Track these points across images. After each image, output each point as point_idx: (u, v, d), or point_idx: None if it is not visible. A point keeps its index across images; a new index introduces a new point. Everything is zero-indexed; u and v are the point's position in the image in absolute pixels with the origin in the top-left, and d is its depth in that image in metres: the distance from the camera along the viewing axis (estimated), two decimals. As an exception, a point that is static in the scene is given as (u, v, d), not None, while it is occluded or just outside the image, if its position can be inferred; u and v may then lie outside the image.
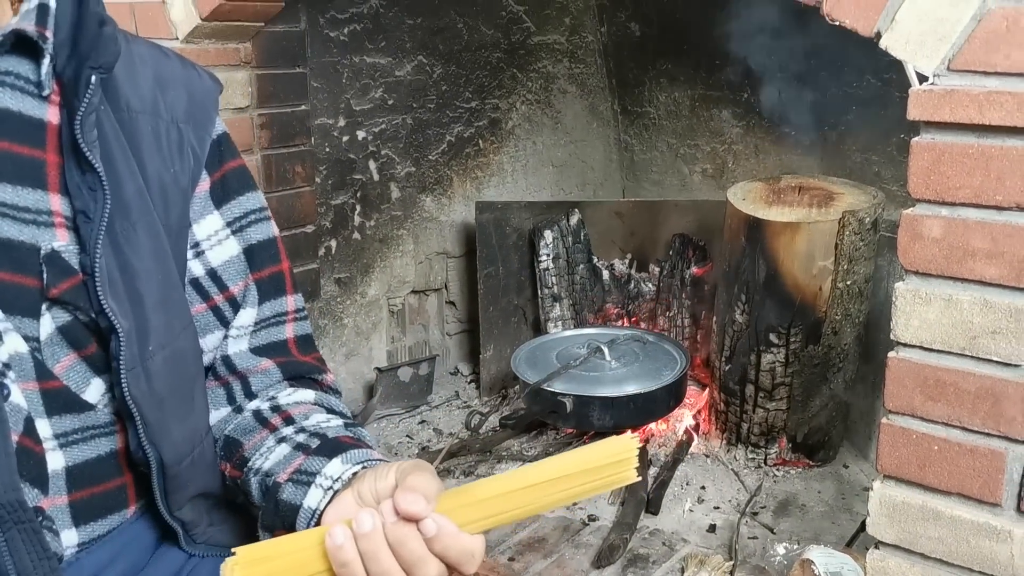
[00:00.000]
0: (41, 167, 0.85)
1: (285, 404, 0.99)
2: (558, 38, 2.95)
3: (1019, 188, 1.15)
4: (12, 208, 0.82)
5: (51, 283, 0.83)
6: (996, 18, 1.14)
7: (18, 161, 0.83)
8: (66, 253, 0.84)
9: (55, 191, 0.85)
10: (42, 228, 0.83)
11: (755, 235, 2.07)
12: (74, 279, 0.84)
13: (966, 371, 1.24)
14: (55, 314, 0.85)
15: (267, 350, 1.02)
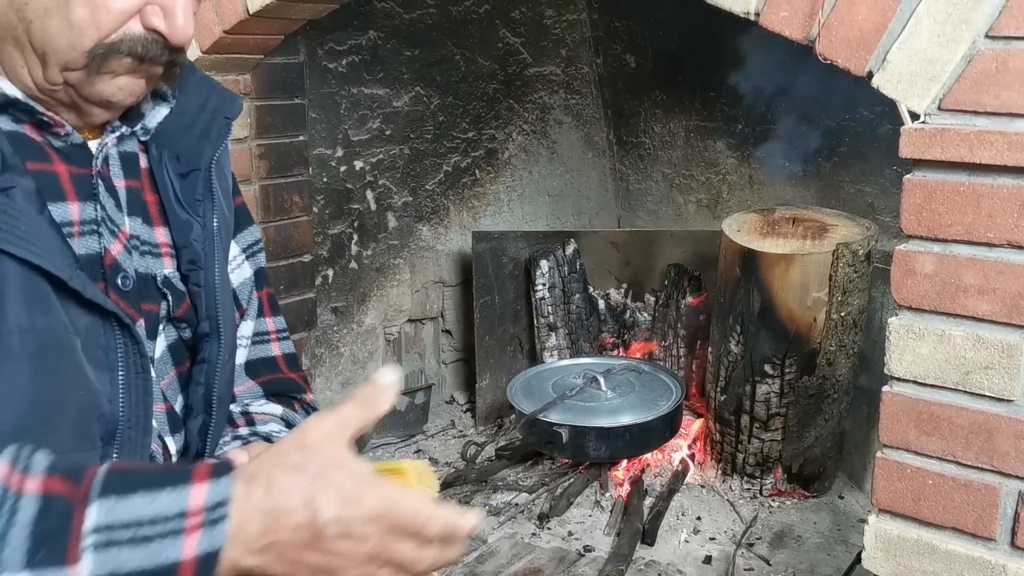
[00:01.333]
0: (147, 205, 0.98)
1: (253, 410, 1.10)
2: (554, 69, 2.98)
3: (1010, 225, 1.17)
4: (140, 241, 0.96)
5: (175, 305, 0.97)
6: (986, 59, 1.16)
7: (139, 199, 0.97)
8: (174, 278, 0.98)
9: (159, 224, 0.99)
10: (155, 258, 0.97)
11: (750, 266, 2.09)
12: (186, 301, 0.98)
13: (959, 406, 1.25)
14: (168, 333, 0.98)
15: (258, 364, 1.12)
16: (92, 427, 0.87)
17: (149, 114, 0.99)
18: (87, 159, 0.92)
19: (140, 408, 0.91)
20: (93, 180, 0.92)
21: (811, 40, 1.30)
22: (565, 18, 2.94)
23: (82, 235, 0.90)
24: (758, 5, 1.34)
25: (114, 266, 0.92)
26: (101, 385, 0.88)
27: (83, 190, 0.91)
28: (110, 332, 0.88)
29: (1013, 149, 1.14)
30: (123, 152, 0.98)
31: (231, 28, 1.99)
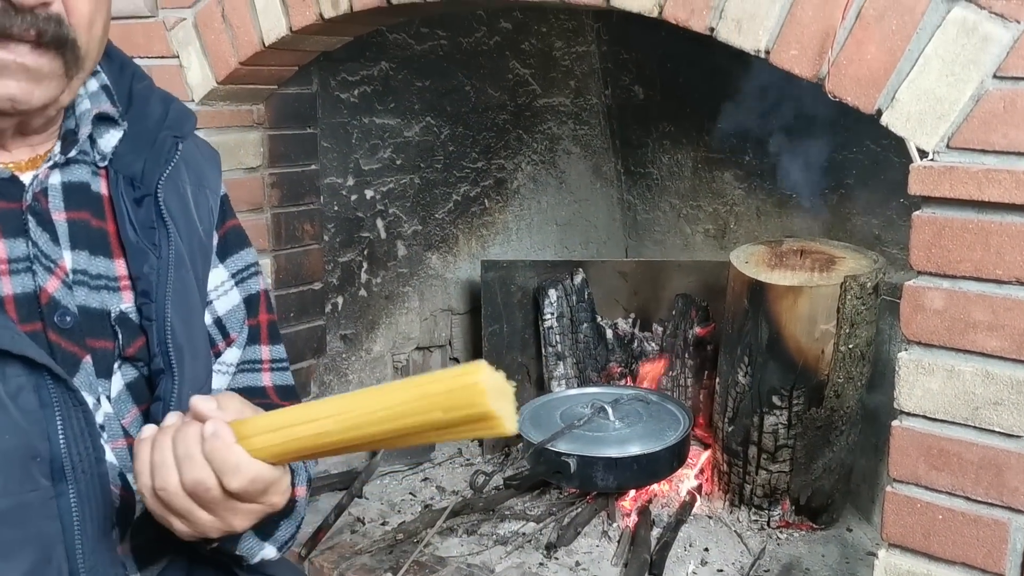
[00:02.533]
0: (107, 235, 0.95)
1: None
2: (563, 100, 3.01)
3: (1018, 263, 1.18)
4: (89, 276, 0.92)
5: (126, 343, 0.93)
6: (994, 99, 1.18)
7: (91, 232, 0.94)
8: (132, 314, 0.94)
9: (119, 256, 0.95)
10: (112, 292, 0.94)
11: (758, 298, 2.10)
12: (141, 338, 0.94)
13: (969, 441, 1.25)
14: (124, 371, 0.94)
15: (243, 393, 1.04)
16: (28, 468, 0.85)
17: (102, 139, 0.96)
18: (17, 193, 0.90)
19: (84, 444, 0.88)
20: (23, 215, 0.89)
21: (821, 78, 1.32)
22: (574, 50, 2.97)
23: (13, 273, 0.87)
24: (768, 43, 1.37)
25: (51, 304, 0.89)
26: (35, 424, 0.85)
27: (10, 226, 0.88)
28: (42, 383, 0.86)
29: (1021, 187, 1.15)
30: (68, 182, 0.94)
31: (247, 59, 2.02)
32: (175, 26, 2.09)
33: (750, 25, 1.38)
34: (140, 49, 2.16)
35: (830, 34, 1.29)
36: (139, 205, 0.96)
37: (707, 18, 1.42)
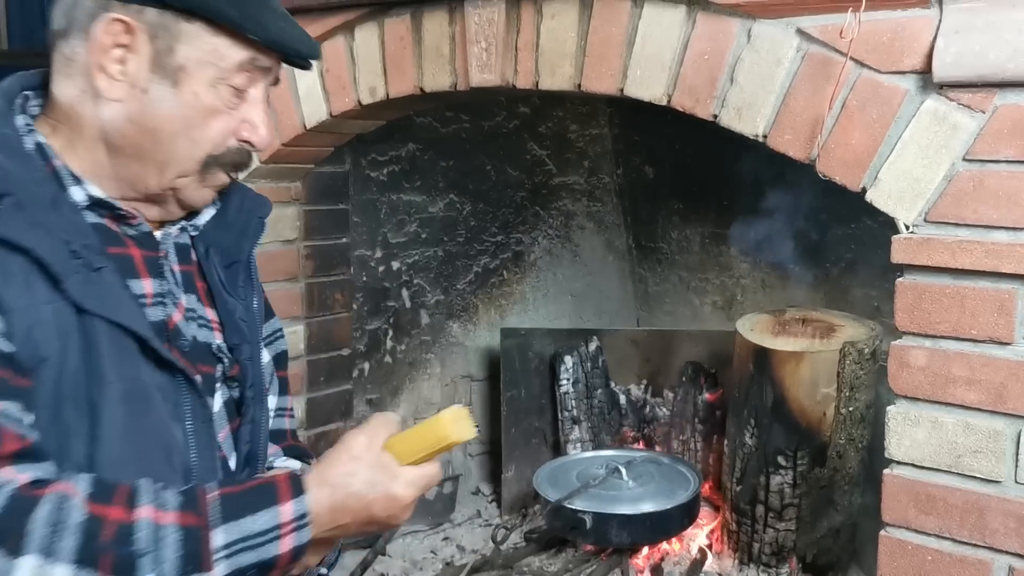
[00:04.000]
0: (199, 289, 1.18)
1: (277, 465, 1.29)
2: (577, 179, 3.18)
3: (991, 323, 1.32)
4: (196, 315, 1.14)
5: (229, 367, 1.16)
6: (964, 179, 1.33)
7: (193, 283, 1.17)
8: (224, 348, 1.16)
9: (208, 305, 1.18)
10: (209, 331, 1.16)
11: (762, 363, 2.23)
12: (236, 366, 1.16)
13: (953, 487, 1.37)
14: (222, 392, 1.15)
15: (276, 434, 1.31)
16: (175, 471, 1.05)
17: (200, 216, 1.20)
18: (154, 244, 1.13)
19: (207, 455, 1.10)
20: (159, 261, 1.12)
21: (812, 160, 1.48)
22: (588, 132, 3.15)
23: (153, 305, 1.10)
24: (765, 129, 1.53)
25: (176, 331, 1.11)
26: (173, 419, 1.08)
27: (153, 269, 1.11)
28: (179, 387, 1.08)
29: (990, 256, 1.30)
30: (178, 243, 1.18)
31: (289, 141, 2.20)
32: (223, 111, 2.28)
33: (749, 113, 1.54)
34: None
35: (819, 121, 1.45)
36: (227, 269, 1.19)
37: (711, 106, 1.59)
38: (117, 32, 1.02)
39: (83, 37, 1.03)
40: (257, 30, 1.06)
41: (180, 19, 1.03)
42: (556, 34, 1.75)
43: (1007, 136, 1.29)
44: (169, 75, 1.04)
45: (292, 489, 0.99)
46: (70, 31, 1.04)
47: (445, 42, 1.91)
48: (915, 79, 1.36)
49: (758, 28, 1.51)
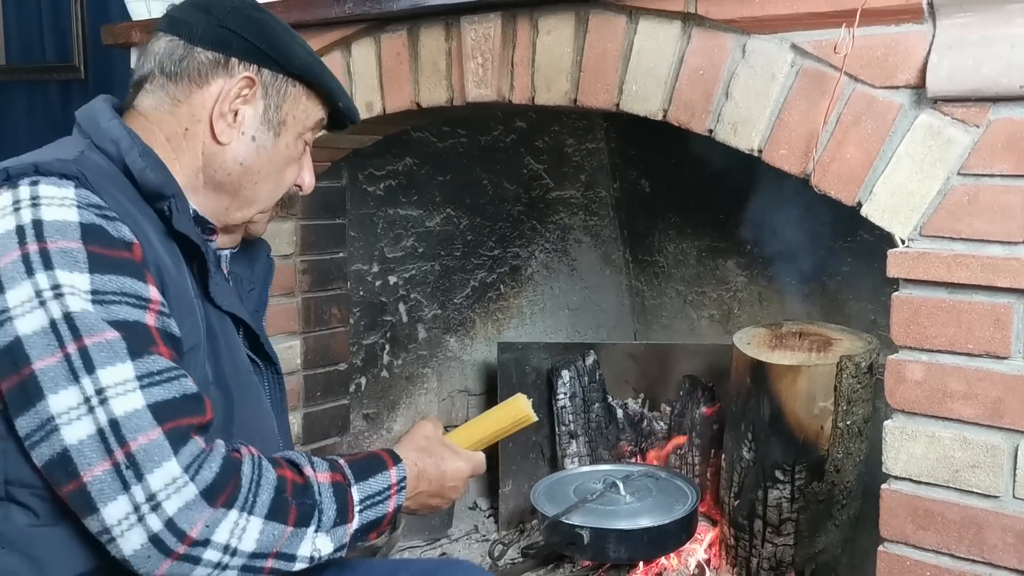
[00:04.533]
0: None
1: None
2: (574, 193, 3.18)
3: (987, 337, 1.32)
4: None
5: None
6: (959, 193, 1.33)
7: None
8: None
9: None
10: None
11: (759, 377, 2.22)
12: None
13: (951, 502, 1.37)
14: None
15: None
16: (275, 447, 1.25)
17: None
18: (218, 263, 1.32)
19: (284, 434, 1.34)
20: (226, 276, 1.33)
21: (807, 174, 1.48)
22: (584, 146, 3.16)
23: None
24: (760, 143, 1.53)
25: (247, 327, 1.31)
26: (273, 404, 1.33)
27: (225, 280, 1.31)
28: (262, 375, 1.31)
29: (986, 271, 1.30)
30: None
31: (285, 156, 2.20)
32: (220, 126, 2.28)
33: (744, 128, 1.55)
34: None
35: (814, 136, 1.45)
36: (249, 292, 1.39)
37: (706, 121, 1.59)
38: (243, 87, 1.21)
39: (199, 84, 1.21)
40: (342, 99, 1.31)
41: (288, 82, 1.24)
42: (552, 50, 1.75)
43: (1001, 150, 1.29)
44: (273, 127, 1.25)
45: (392, 458, 1.21)
46: (178, 77, 1.21)
47: (441, 57, 1.91)
48: (909, 94, 1.36)
49: (753, 43, 1.51)
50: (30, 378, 0.94)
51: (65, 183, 1.02)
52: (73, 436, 0.93)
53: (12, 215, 0.99)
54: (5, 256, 0.97)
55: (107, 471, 0.93)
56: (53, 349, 0.94)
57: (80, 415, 0.93)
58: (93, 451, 0.93)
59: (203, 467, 0.98)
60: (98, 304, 0.97)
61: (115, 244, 1.02)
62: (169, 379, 1.00)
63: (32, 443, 0.95)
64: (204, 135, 1.22)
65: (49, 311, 0.95)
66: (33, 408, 0.94)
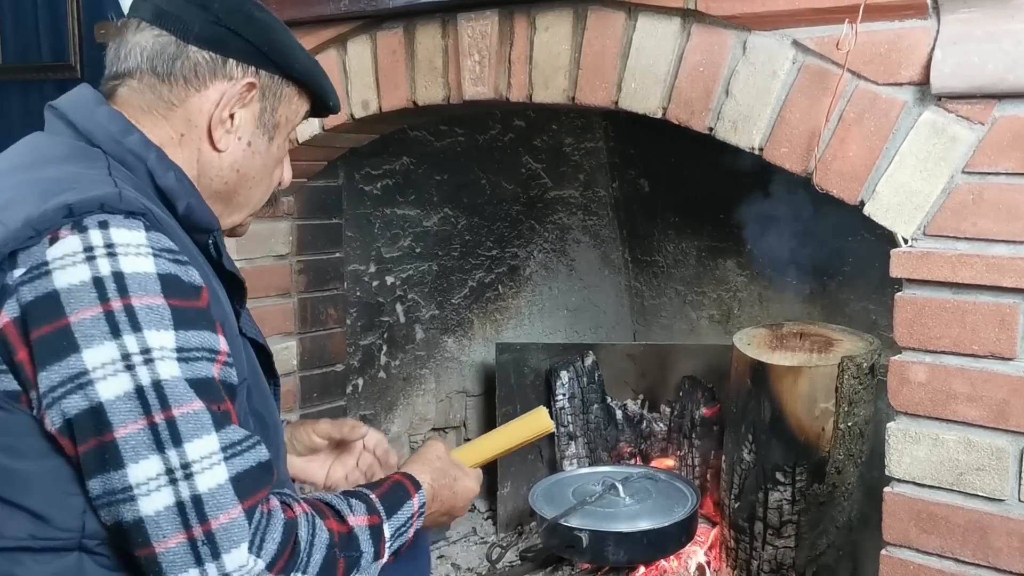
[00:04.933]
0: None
1: None
2: (573, 193, 3.16)
3: (992, 338, 1.29)
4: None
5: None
6: (963, 191, 1.31)
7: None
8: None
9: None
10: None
11: (760, 378, 2.20)
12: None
13: (955, 505, 1.35)
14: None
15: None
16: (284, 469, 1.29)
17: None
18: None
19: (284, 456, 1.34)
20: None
21: (809, 173, 1.46)
22: (583, 146, 3.14)
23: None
24: (761, 142, 1.51)
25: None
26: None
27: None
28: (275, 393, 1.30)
29: (991, 271, 1.28)
30: None
31: (281, 155, 2.18)
32: (215, 125, 2.26)
33: (744, 126, 1.53)
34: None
35: (816, 134, 1.43)
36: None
37: (706, 119, 1.57)
38: (243, 92, 1.15)
39: (196, 87, 1.13)
40: (332, 98, 1.26)
41: (284, 83, 1.19)
42: (550, 47, 1.73)
43: (1007, 148, 1.27)
44: (268, 130, 1.19)
45: (414, 484, 1.24)
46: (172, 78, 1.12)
47: (438, 55, 1.89)
48: (913, 90, 1.34)
49: (753, 40, 1.49)
50: (111, 445, 0.89)
51: (135, 224, 0.95)
52: (150, 507, 0.90)
53: (86, 264, 0.91)
54: (82, 311, 0.90)
55: (182, 544, 0.90)
56: (137, 416, 0.90)
57: (160, 486, 0.90)
58: (170, 523, 0.90)
59: (266, 539, 0.96)
60: (183, 363, 0.93)
61: (189, 293, 0.98)
62: (247, 448, 0.98)
63: (102, 504, 0.92)
64: (200, 141, 1.15)
65: (137, 377, 0.90)
66: (109, 474, 0.90)
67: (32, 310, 0.90)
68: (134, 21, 1.15)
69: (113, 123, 1.09)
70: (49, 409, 0.90)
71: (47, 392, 0.90)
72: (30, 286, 0.90)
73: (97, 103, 1.12)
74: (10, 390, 0.91)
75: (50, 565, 0.93)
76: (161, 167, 1.09)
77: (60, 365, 0.89)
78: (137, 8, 1.15)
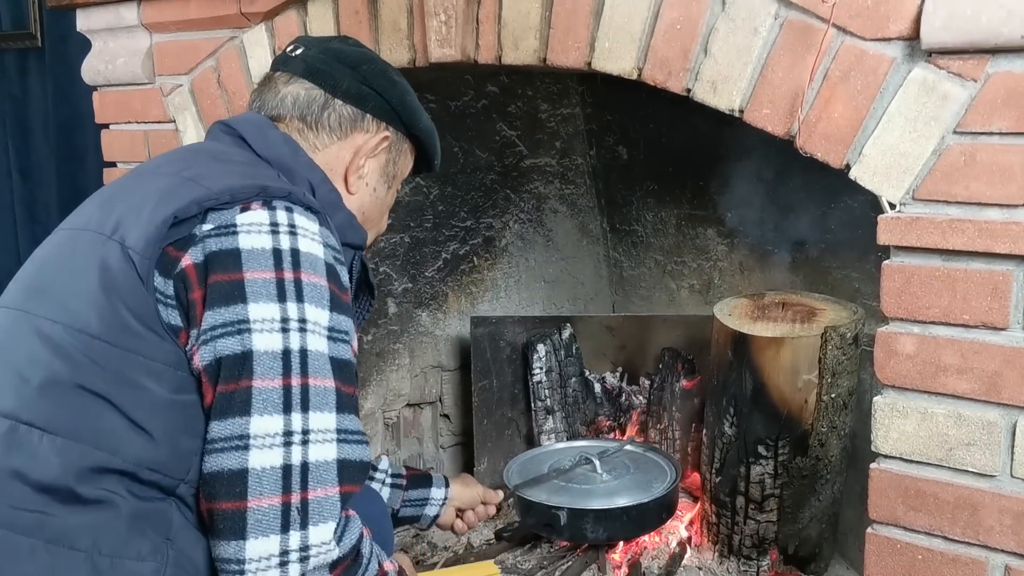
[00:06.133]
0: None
1: None
2: (549, 161, 3.08)
3: (984, 307, 1.24)
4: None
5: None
6: (955, 153, 1.25)
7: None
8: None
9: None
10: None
11: (741, 349, 2.15)
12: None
13: (944, 482, 1.30)
14: None
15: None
16: None
17: None
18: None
19: None
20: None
21: (792, 135, 1.39)
22: (559, 112, 3.06)
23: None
24: (742, 103, 1.44)
25: None
26: None
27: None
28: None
29: (983, 236, 1.22)
30: None
31: (242, 123, 2.09)
32: (172, 92, 2.16)
33: (724, 86, 1.45)
34: (137, 115, 2.23)
35: (799, 94, 1.36)
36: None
37: (684, 80, 1.49)
38: (379, 144, 1.33)
39: (339, 136, 1.29)
40: (437, 157, 1.46)
41: (405, 141, 1.38)
42: (519, 5, 1.64)
43: (1000, 106, 1.20)
44: (388, 180, 1.39)
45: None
46: (319, 126, 1.28)
47: (403, 16, 1.80)
48: (902, 46, 1.27)
49: (733, -5, 1.41)
50: (246, 391, 0.98)
51: (312, 217, 1.09)
52: (259, 461, 0.96)
53: (269, 235, 1.04)
54: (258, 272, 1.02)
55: (275, 507, 0.96)
56: (278, 374, 0.99)
57: (275, 445, 0.97)
58: (271, 483, 0.96)
59: (344, 535, 1.03)
60: (331, 341, 1.04)
61: (343, 287, 1.11)
62: (359, 442, 1.06)
63: (214, 449, 0.99)
64: (337, 183, 1.30)
65: (289, 340, 1.00)
66: (234, 419, 0.98)
67: (214, 259, 1.02)
68: (284, 74, 1.31)
69: (285, 145, 1.24)
70: (204, 345, 1.00)
71: (208, 329, 1.00)
72: (216, 240, 1.02)
73: (269, 126, 1.26)
74: (174, 324, 1.02)
75: (145, 503, 1.00)
76: (325, 187, 1.25)
77: (226, 309, 1.00)
78: (287, 63, 1.32)
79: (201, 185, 1.07)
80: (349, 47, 1.35)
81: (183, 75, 2.14)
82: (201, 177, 1.09)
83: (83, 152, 3.65)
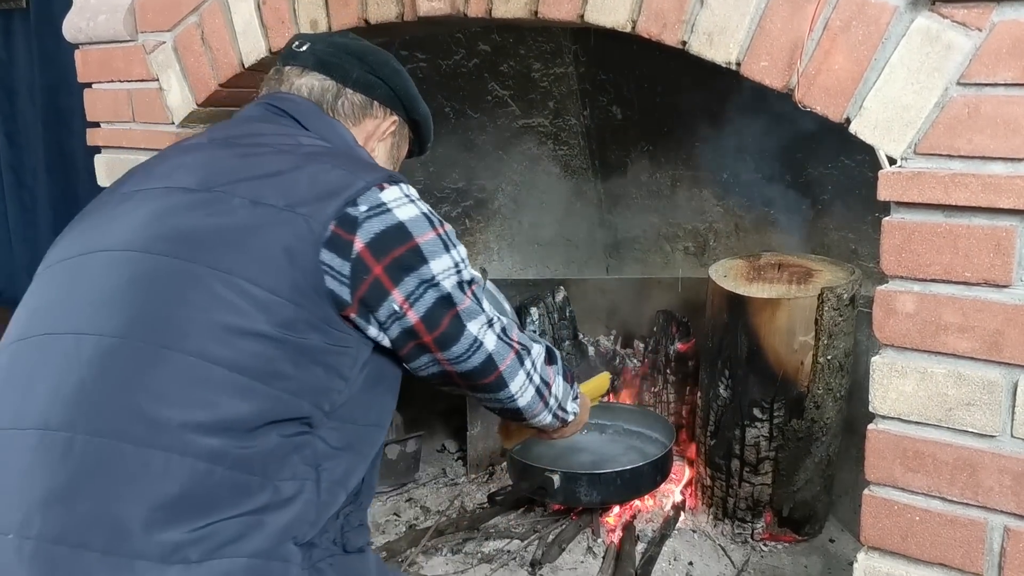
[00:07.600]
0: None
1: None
2: (542, 121, 3.03)
3: (986, 264, 1.20)
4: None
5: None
6: (958, 105, 1.20)
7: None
8: None
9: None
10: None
11: (737, 311, 2.12)
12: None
13: (943, 442, 1.27)
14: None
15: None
16: None
17: None
18: None
19: None
20: None
21: (790, 88, 1.35)
22: (552, 71, 3.00)
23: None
24: (739, 55, 1.39)
25: None
26: None
27: None
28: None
29: (987, 191, 1.18)
30: None
31: (226, 81, 2.04)
32: (155, 49, 2.11)
33: (721, 38, 1.40)
34: (120, 73, 2.17)
35: (798, 45, 1.32)
36: None
37: (679, 32, 1.44)
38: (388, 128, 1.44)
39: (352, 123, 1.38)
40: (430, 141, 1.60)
41: (405, 126, 1.50)
42: (510, -45, 1.59)
43: (1006, 56, 1.16)
44: (393, 162, 1.50)
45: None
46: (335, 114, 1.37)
47: (390, -32, 1.75)
48: (905, -6, 1.23)
49: (731, -58, 1.36)
50: (456, 315, 1.22)
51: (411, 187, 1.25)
52: (490, 343, 1.25)
53: (411, 204, 1.21)
54: (425, 235, 1.20)
55: (513, 359, 1.29)
56: (462, 297, 1.23)
57: (487, 331, 1.26)
58: (502, 348, 1.27)
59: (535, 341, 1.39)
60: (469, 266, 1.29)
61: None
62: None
63: (459, 360, 1.24)
64: None
65: (461, 276, 1.24)
66: (463, 335, 1.23)
67: (384, 236, 1.16)
68: (295, 68, 1.39)
69: (336, 128, 1.36)
70: (415, 304, 1.19)
71: (407, 296, 1.18)
72: (376, 220, 1.16)
73: (321, 113, 1.36)
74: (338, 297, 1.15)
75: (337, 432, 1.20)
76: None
77: (415, 274, 1.19)
78: (296, 57, 1.40)
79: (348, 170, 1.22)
80: (352, 41, 1.46)
81: (166, 31, 2.08)
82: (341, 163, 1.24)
83: (69, 116, 3.58)
